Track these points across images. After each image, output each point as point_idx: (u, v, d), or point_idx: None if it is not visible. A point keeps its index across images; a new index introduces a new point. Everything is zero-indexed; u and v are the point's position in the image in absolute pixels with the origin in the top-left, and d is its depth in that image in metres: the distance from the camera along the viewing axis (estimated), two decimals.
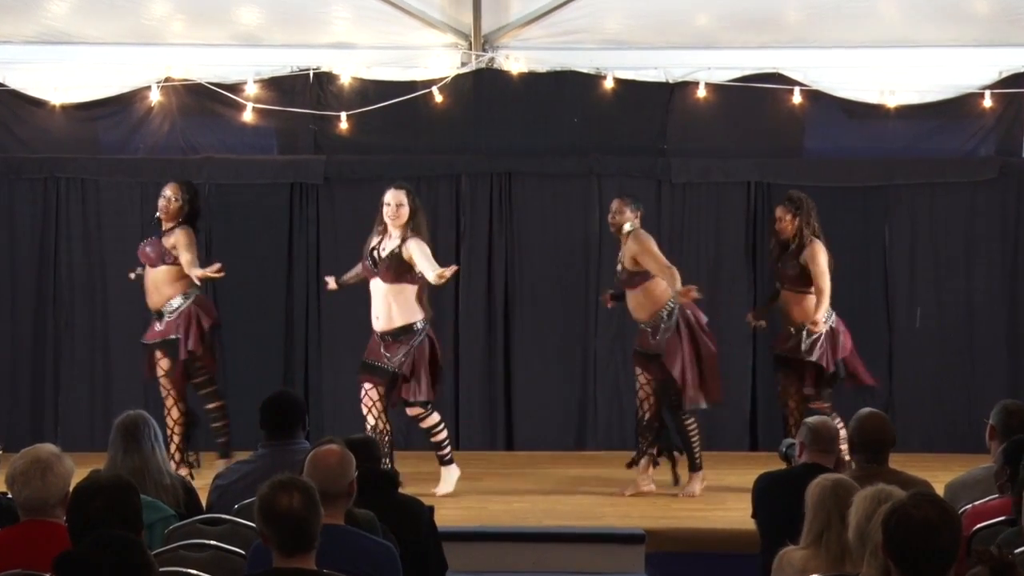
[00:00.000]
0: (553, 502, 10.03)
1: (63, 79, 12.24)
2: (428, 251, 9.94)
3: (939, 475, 7.59)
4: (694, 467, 10.20)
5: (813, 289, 10.28)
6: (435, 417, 10.06)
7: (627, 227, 10.11)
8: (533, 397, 12.40)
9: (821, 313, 10.20)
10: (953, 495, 6.70)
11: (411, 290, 9.98)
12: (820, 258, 10.28)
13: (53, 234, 12.41)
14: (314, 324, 12.40)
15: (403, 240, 9.93)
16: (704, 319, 10.20)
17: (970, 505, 6.30)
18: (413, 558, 5.97)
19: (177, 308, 10.57)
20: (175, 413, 10.55)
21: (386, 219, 10.02)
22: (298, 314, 12.42)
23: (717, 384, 10.19)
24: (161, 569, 4.93)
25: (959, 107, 12.34)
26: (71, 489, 5.09)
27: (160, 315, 10.64)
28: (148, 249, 10.67)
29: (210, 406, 10.71)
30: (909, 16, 11.81)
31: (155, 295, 10.63)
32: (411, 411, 10.09)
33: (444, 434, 10.14)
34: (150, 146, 12.48)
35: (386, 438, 9.85)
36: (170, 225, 10.62)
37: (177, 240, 10.53)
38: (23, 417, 12.35)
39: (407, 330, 9.95)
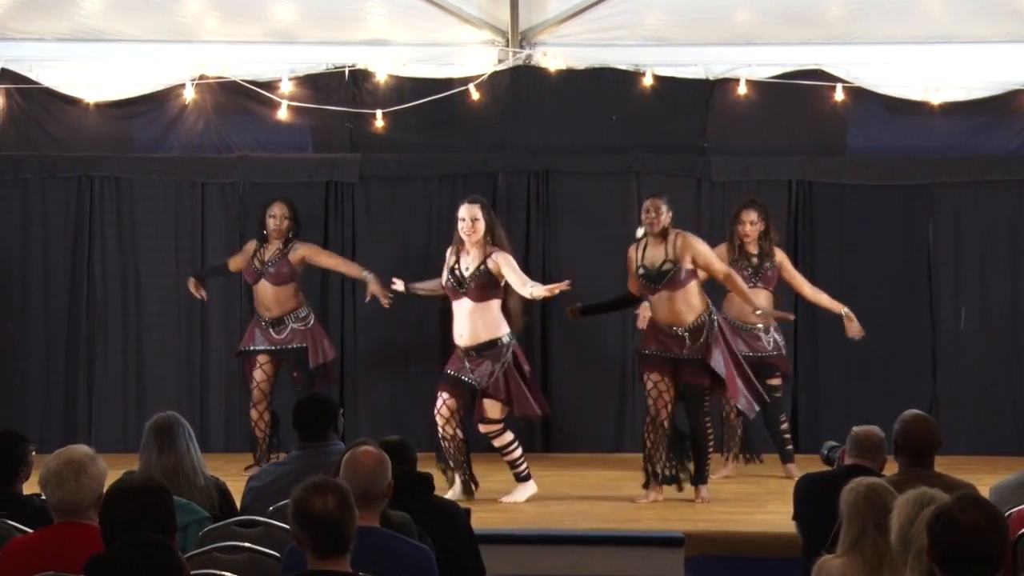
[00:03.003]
0: (590, 504, 9.99)
1: (97, 77, 12.29)
2: (515, 263, 9.87)
3: (984, 478, 7.54)
4: (703, 479, 9.99)
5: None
6: (508, 436, 9.93)
7: (671, 227, 9.99)
8: (571, 398, 12.38)
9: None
10: (998, 498, 6.65)
11: (497, 304, 9.88)
12: (787, 264, 11.06)
13: (87, 233, 12.45)
14: (350, 324, 12.40)
15: (486, 255, 9.81)
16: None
17: (1016, 509, 6.26)
18: (450, 561, 5.96)
19: (304, 318, 11.18)
20: (267, 416, 11.13)
21: (462, 235, 9.88)
22: (333, 314, 12.42)
23: (755, 389, 10.14)
24: (195, 571, 4.94)
25: (1005, 104, 12.27)
26: (104, 491, 5.09)
27: (278, 323, 11.12)
28: (272, 270, 11.11)
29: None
30: (953, 11, 11.76)
31: (277, 308, 11.14)
32: (484, 428, 9.93)
33: (518, 452, 9.99)
34: (184, 144, 12.52)
35: (462, 447, 9.86)
36: (279, 243, 11.14)
37: (308, 252, 11.25)
38: (56, 418, 12.39)
39: (492, 344, 9.86)
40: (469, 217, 9.85)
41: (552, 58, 12.28)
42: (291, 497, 4.78)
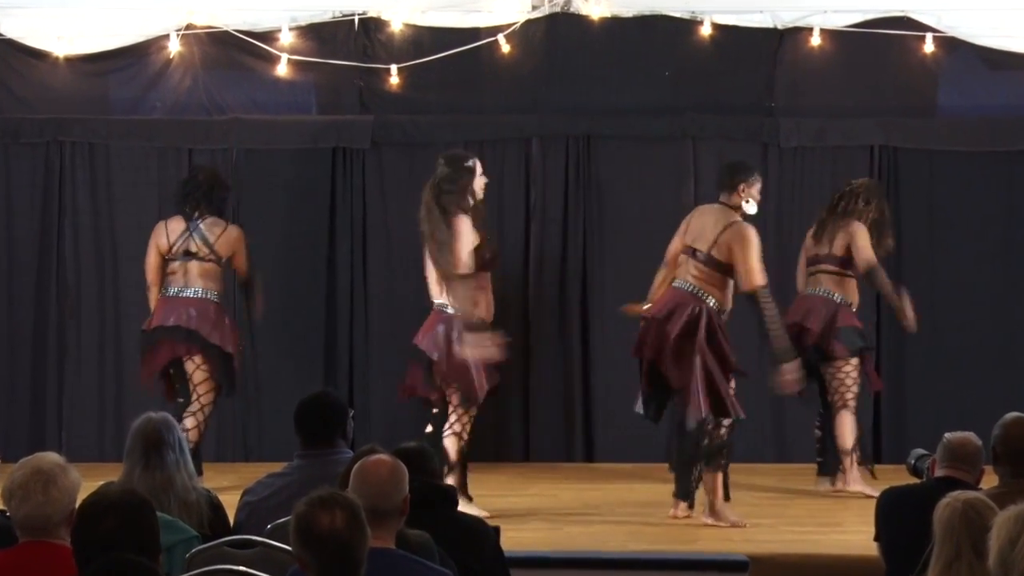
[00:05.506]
0: (639, 523, 10.01)
1: (68, 27, 12.33)
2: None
3: None
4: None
5: None
6: None
7: None
8: (615, 401, 12.34)
9: None
10: None
11: None
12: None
13: (56, 207, 12.48)
14: (360, 312, 12.42)
15: None
16: None
17: None
18: None
19: None
20: None
21: (480, 195, 10.23)
22: (341, 300, 12.44)
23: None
24: None
25: None
26: (77, 505, 5.10)
27: None
28: None
29: None
30: None
31: None
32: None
33: None
34: (169, 105, 12.54)
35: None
36: None
37: None
38: (22, 421, 12.44)
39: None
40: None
41: (595, 4, 12.28)
42: (293, 513, 4.79)
